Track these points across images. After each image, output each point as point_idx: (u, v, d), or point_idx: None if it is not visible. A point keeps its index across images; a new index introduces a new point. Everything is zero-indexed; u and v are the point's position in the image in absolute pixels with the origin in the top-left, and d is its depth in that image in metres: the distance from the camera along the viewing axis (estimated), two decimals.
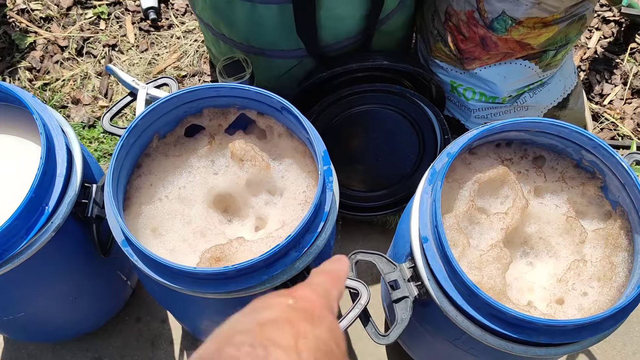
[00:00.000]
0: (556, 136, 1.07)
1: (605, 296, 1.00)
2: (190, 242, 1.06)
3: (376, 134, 1.52)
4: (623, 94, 1.90)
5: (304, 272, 0.99)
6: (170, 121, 1.13)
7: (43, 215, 1.01)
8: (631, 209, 1.03)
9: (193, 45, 1.98)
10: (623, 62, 1.95)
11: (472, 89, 1.48)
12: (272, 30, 1.31)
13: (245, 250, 1.00)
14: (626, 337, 1.64)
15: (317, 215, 0.98)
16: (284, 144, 1.13)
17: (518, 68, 1.41)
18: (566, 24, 1.33)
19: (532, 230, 1.08)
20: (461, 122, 1.58)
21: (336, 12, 1.27)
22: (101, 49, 1.97)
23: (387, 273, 1.05)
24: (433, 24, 1.45)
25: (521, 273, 1.07)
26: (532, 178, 1.11)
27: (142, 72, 1.93)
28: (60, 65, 1.95)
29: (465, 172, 1.09)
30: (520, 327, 0.91)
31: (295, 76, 1.46)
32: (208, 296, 0.95)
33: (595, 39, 2.00)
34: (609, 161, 1.03)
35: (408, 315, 1.02)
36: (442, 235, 0.92)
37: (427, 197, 1.01)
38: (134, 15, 2.04)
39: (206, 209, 1.09)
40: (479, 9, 1.30)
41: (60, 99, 1.88)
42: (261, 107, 1.12)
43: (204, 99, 1.11)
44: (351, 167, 1.58)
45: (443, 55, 1.46)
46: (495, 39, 1.34)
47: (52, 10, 2.03)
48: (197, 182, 1.11)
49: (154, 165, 1.12)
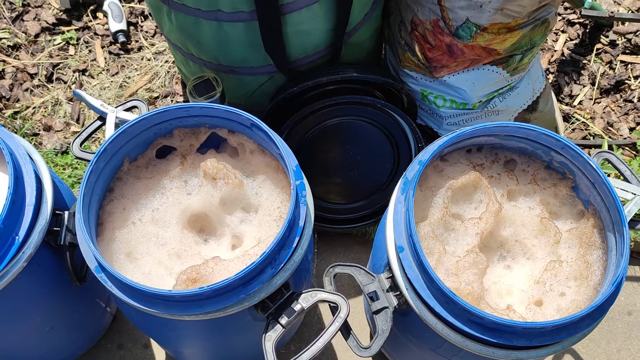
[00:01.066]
0: (525, 139, 1.08)
1: (582, 295, 1.01)
2: (166, 265, 1.04)
3: (351, 146, 1.52)
4: (592, 94, 1.94)
5: (281, 288, 0.98)
6: (141, 143, 1.12)
7: (14, 245, 0.99)
8: (602, 207, 1.04)
9: (164, 67, 1.97)
10: (590, 63, 1.99)
11: (442, 96, 1.49)
12: (240, 47, 1.31)
13: (222, 270, 1.00)
14: (610, 335, 1.65)
15: (292, 231, 0.98)
16: (257, 160, 1.13)
17: (486, 74, 1.43)
18: (530, 28, 1.35)
19: (508, 233, 1.09)
20: (434, 130, 1.59)
21: (302, 27, 1.27)
22: (71, 75, 1.96)
23: (365, 284, 1.05)
24: (400, 34, 1.47)
25: (499, 277, 1.08)
26: (505, 182, 1.12)
27: (114, 96, 1.92)
28: (30, 92, 1.93)
29: (437, 179, 1.10)
30: (499, 331, 0.92)
31: (267, 92, 1.46)
32: (185, 318, 0.94)
33: (561, 41, 2.03)
34: (577, 161, 1.05)
35: (389, 326, 1.01)
36: (417, 244, 0.92)
37: (401, 207, 1.01)
38: (103, 39, 2.03)
39: (181, 230, 1.08)
40: (444, 18, 1.31)
41: (32, 127, 1.86)
42: (231, 125, 1.11)
43: (173, 119, 1.11)
44: (328, 180, 1.58)
45: (412, 64, 1.48)
46: (462, 46, 1.35)
47: (19, 38, 2.01)
48: (170, 203, 1.10)
49: (126, 188, 1.11)
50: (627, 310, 1.68)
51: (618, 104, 1.92)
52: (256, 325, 1.06)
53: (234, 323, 1.05)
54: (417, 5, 1.35)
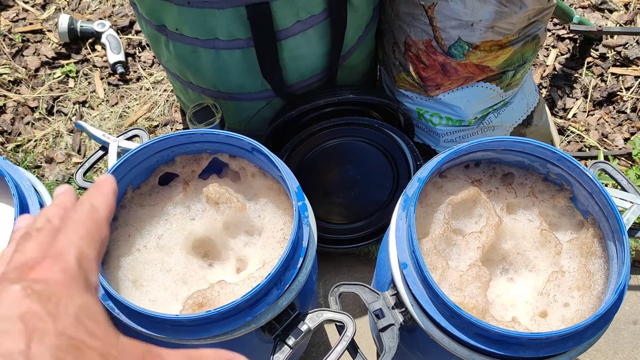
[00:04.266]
0: (521, 152, 1.10)
1: (586, 305, 1.02)
2: (172, 290, 1.05)
3: (350, 166, 1.54)
4: (585, 106, 1.96)
5: (287, 309, 0.99)
6: (143, 171, 1.13)
7: None
8: (601, 217, 1.05)
9: (163, 95, 2.00)
10: (581, 76, 2.02)
11: (438, 114, 1.52)
12: (237, 74, 1.34)
13: (228, 293, 1.00)
14: (617, 345, 1.65)
15: (296, 252, 0.99)
16: (258, 183, 1.14)
17: (480, 90, 1.46)
18: (521, 44, 1.38)
19: (509, 246, 1.10)
20: (432, 147, 1.61)
21: (298, 52, 1.30)
22: (71, 107, 1.98)
23: (370, 302, 1.05)
24: (394, 55, 1.50)
25: (503, 290, 1.08)
26: (503, 195, 1.14)
27: (114, 126, 1.94)
28: (31, 126, 1.95)
29: (437, 195, 1.11)
30: (506, 343, 0.92)
31: (266, 116, 1.49)
32: (194, 342, 0.95)
33: (552, 56, 2.07)
34: (574, 172, 1.06)
35: (395, 343, 1.02)
36: (420, 260, 0.93)
37: (403, 224, 1.02)
38: (102, 71, 2.06)
39: (186, 256, 1.09)
40: (436, 37, 1.34)
41: (34, 160, 1.88)
42: (232, 149, 1.13)
43: (175, 146, 1.12)
44: (329, 201, 1.60)
45: (407, 84, 1.51)
46: (455, 64, 1.38)
47: (20, 73, 2.04)
48: (174, 229, 1.11)
49: (130, 216, 1.12)
50: (632, 319, 1.68)
51: (611, 116, 1.95)
52: (264, 347, 1.07)
53: (242, 346, 1.06)
54: (410, 27, 1.38)
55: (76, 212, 0.42)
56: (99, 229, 0.41)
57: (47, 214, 0.42)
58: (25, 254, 0.38)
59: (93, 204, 0.43)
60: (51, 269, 0.37)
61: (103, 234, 0.41)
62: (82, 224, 0.41)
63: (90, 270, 0.39)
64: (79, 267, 0.38)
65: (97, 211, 0.42)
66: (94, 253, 0.40)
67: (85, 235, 0.40)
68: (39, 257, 0.38)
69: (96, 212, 0.42)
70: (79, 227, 0.40)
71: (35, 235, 0.40)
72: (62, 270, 0.37)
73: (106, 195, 0.44)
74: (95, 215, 0.42)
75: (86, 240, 0.40)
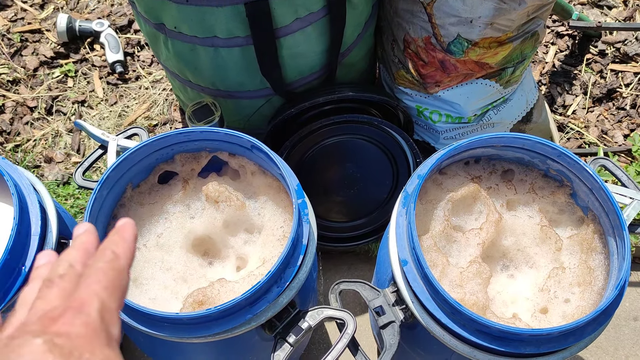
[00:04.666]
0: (521, 149, 1.10)
1: (587, 301, 1.02)
2: (172, 289, 1.05)
3: (350, 164, 1.54)
4: (585, 103, 1.96)
5: (288, 307, 0.99)
6: (143, 170, 1.13)
7: (20, 276, 0.99)
8: (601, 213, 1.05)
9: (162, 94, 2.00)
10: (581, 73, 2.01)
11: (437, 111, 1.52)
12: (236, 72, 1.34)
13: (228, 291, 1.00)
14: (617, 342, 1.65)
15: (296, 249, 0.99)
16: (258, 181, 1.14)
17: (479, 87, 1.45)
18: (520, 41, 1.37)
19: (509, 242, 1.10)
20: (431, 145, 1.61)
21: (297, 49, 1.30)
22: (70, 106, 1.98)
23: (371, 300, 1.05)
24: (393, 53, 1.50)
25: (503, 286, 1.08)
26: (503, 192, 1.14)
27: (113, 125, 1.94)
28: (30, 125, 1.95)
29: (437, 192, 1.11)
30: (507, 339, 0.92)
31: (265, 114, 1.48)
32: (194, 341, 0.95)
33: (552, 53, 2.07)
34: (574, 168, 1.06)
35: (396, 341, 1.02)
36: (421, 257, 0.93)
37: (403, 221, 1.02)
38: (100, 70, 2.06)
39: (185, 254, 1.09)
40: (435, 34, 1.34)
41: (33, 159, 1.87)
42: (232, 147, 1.13)
43: (174, 144, 1.12)
44: (329, 199, 1.60)
45: (406, 81, 1.50)
46: (454, 61, 1.38)
47: (19, 73, 2.04)
48: (174, 227, 1.11)
49: (129, 215, 1.12)
50: (633, 316, 1.68)
51: (611, 112, 1.95)
52: (264, 345, 1.06)
53: (242, 344, 1.05)
54: (409, 24, 1.38)
55: (98, 259, 0.42)
56: (120, 278, 0.41)
57: (70, 258, 0.42)
58: (47, 302, 0.38)
59: (115, 252, 0.42)
60: (73, 322, 0.36)
61: (124, 283, 0.41)
62: (104, 273, 0.40)
63: (112, 322, 0.38)
64: (101, 320, 0.37)
65: (118, 259, 0.42)
66: (116, 304, 0.40)
67: (108, 285, 0.40)
68: (61, 307, 0.37)
69: (118, 260, 0.42)
70: (101, 277, 0.40)
71: (58, 282, 0.40)
72: (84, 323, 0.36)
73: (128, 242, 0.43)
74: (116, 263, 0.42)
75: (108, 291, 0.39)
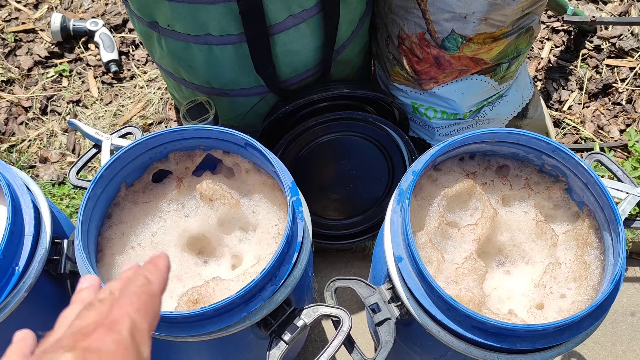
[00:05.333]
0: (516, 144, 1.09)
1: (582, 296, 1.01)
2: (167, 288, 1.05)
3: (346, 162, 1.54)
4: (580, 98, 1.96)
5: (283, 305, 0.99)
6: (137, 169, 1.13)
7: (14, 276, 0.99)
8: (596, 207, 1.05)
9: (157, 93, 1.99)
10: (577, 68, 2.01)
11: (433, 107, 1.51)
12: (230, 70, 1.33)
13: (223, 290, 1.00)
14: (614, 337, 1.65)
15: (290, 247, 0.98)
16: (252, 179, 1.14)
17: (475, 83, 1.45)
18: (515, 36, 1.37)
19: (505, 238, 1.10)
20: (427, 141, 1.60)
21: (291, 46, 1.29)
22: (65, 106, 1.97)
23: (367, 297, 1.05)
24: (388, 49, 1.49)
25: (499, 282, 1.08)
26: (499, 187, 1.13)
27: (108, 125, 1.94)
28: (25, 125, 1.94)
29: (432, 188, 1.11)
30: (503, 335, 0.92)
31: (260, 112, 1.48)
32: (188, 339, 0.94)
33: (547, 48, 2.06)
34: (569, 163, 1.06)
35: (392, 338, 1.01)
36: (415, 253, 0.93)
37: (397, 217, 1.02)
38: (95, 70, 2.05)
39: (180, 253, 1.08)
40: (429, 30, 1.34)
41: (28, 159, 1.87)
42: (226, 145, 1.13)
43: (168, 143, 1.12)
44: (325, 196, 1.59)
45: (401, 78, 1.50)
46: (449, 57, 1.37)
47: (13, 73, 2.03)
48: (168, 226, 1.10)
49: (124, 214, 1.11)
50: (630, 311, 1.68)
51: (607, 107, 1.94)
52: (259, 343, 1.06)
53: (237, 342, 1.05)
54: (403, 20, 1.37)
55: (132, 284, 0.44)
56: (152, 302, 0.43)
57: (112, 287, 0.45)
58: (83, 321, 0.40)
59: (148, 277, 0.44)
60: (104, 339, 0.37)
61: (156, 308, 0.43)
62: (137, 296, 0.42)
63: (143, 342, 0.39)
64: (132, 339, 0.38)
65: (151, 284, 0.44)
66: (147, 326, 0.41)
67: (140, 307, 0.41)
68: (93, 324, 0.39)
69: (150, 285, 0.44)
70: (134, 299, 0.42)
71: (97, 305, 0.42)
72: (115, 341, 0.37)
73: (161, 270, 0.46)
74: (149, 288, 0.44)
75: (140, 313, 0.41)
